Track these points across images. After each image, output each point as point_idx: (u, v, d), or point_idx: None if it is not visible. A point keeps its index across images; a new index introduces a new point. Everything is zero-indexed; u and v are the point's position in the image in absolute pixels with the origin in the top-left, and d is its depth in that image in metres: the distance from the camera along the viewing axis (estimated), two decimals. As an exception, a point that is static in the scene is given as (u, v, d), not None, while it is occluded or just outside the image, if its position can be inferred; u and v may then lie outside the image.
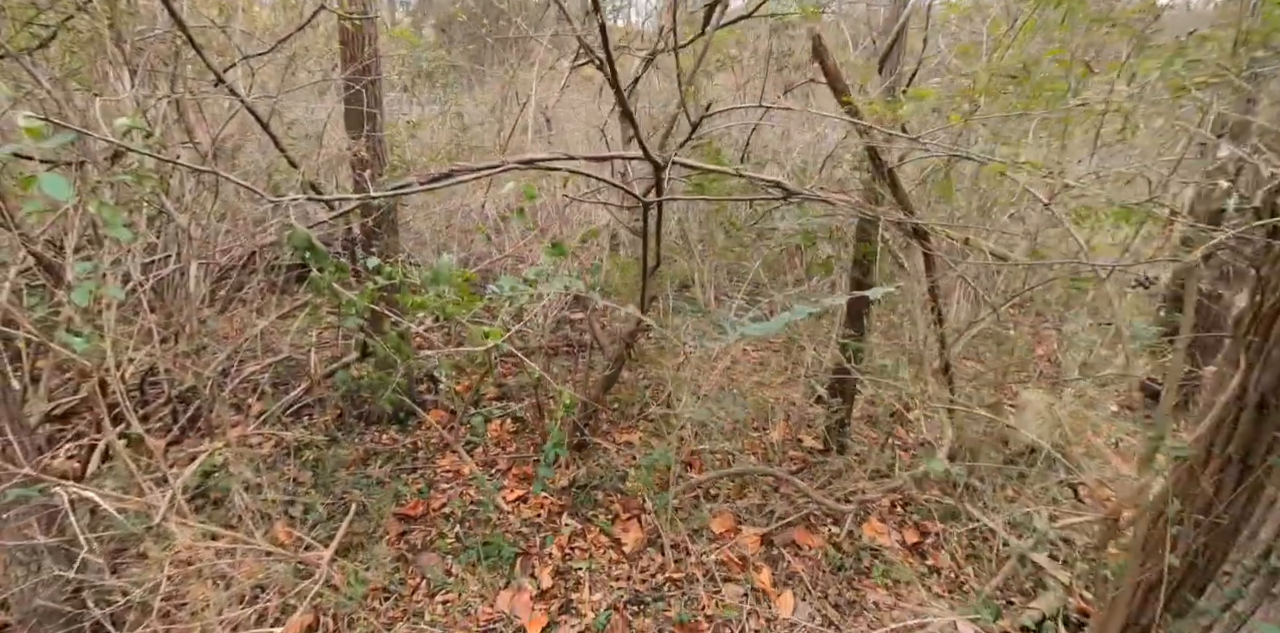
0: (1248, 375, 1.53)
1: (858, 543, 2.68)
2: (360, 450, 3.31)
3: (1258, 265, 1.44)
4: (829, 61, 2.02)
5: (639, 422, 3.63)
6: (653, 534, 2.79)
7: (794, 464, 3.21)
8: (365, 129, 2.79)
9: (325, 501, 2.87)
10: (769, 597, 2.41)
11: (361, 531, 2.78)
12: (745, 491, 3.05)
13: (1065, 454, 3.10)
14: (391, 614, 2.40)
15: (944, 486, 2.94)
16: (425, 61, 3.60)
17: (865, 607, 2.38)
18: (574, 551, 2.75)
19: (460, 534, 2.81)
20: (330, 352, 4.14)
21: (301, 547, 2.59)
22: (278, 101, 2.57)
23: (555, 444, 2.53)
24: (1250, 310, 1.50)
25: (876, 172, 2.33)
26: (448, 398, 3.82)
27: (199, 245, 2.56)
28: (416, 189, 1.96)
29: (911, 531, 2.75)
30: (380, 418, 3.53)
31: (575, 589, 2.53)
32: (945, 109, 2.07)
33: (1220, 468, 1.71)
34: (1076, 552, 2.58)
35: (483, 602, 2.46)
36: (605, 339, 3.24)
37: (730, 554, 2.59)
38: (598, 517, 2.90)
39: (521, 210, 2.58)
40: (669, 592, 2.49)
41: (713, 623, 2.33)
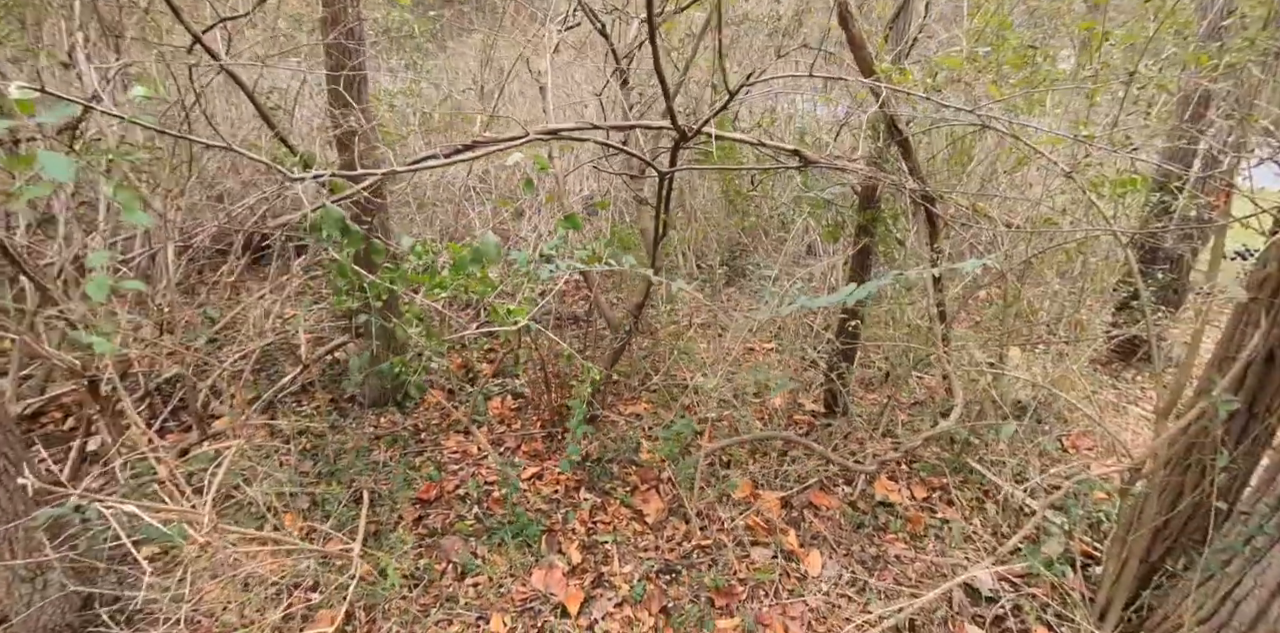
0: (1270, 333, 1.64)
1: (871, 501, 2.79)
2: (361, 435, 3.21)
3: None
4: (854, 30, 1.99)
5: (642, 393, 3.64)
6: (673, 503, 2.84)
7: (800, 428, 3.30)
8: (353, 100, 2.61)
9: (334, 490, 2.79)
10: (798, 557, 2.50)
11: (376, 518, 2.72)
12: (756, 456, 3.12)
13: (1051, 410, 3.30)
14: (423, 601, 2.37)
15: (944, 443, 3.09)
16: (414, 26, 3.36)
17: (889, 561, 2.50)
18: (597, 524, 2.77)
19: (480, 515, 2.79)
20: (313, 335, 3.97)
21: (322, 539, 2.52)
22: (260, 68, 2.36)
23: (579, 421, 2.51)
24: (1275, 273, 1.61)
25: (892, 139, 2.34)
26: (442, 377, 3.74)
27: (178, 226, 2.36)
28: (441, 163, 1.85)
29: (920, 486, 2.89)
30: (378, 401, 3.42)
31: (605, 563, 2.56)
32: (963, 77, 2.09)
33: (1229, 417, 1.85)
34: (1072, 499, 2.77)
35: (515, 581, 2.46)
36: (610, 312, 3.21)
37: (756, 519, 2.66)
38: (616, 489, 2.92)
39: (530, 181, 2.49)
40: (698, 559, 2.55)
41: (746, 586, 2.40)
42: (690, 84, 3.37)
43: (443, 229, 3.77)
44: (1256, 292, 1.69)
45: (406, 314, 2.16)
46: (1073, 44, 3.23)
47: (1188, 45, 2.49)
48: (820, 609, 2.29)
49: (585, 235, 3.12)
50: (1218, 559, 1.70)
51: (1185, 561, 1.99)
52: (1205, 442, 1.86)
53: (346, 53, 2.50)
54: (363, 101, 2.73)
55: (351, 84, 2.69)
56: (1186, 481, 1.94)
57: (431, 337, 2.13)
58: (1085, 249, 2.60)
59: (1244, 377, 1.78)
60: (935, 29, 3.74)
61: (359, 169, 2.58)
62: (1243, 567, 1.64)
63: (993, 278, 2.56)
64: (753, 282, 3.09)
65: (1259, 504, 1.64)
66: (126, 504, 1.43)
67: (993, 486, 2.82)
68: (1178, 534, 2.01)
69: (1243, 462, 1.86)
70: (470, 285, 2.09)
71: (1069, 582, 2.20)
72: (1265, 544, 1.59)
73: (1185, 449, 1.86)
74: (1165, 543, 2.02)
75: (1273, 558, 1.57)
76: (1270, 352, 1.76)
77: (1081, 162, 1.89)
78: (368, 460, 3.04)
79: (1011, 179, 2.83)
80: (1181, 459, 1.90)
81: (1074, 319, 3.44)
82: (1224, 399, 1.59)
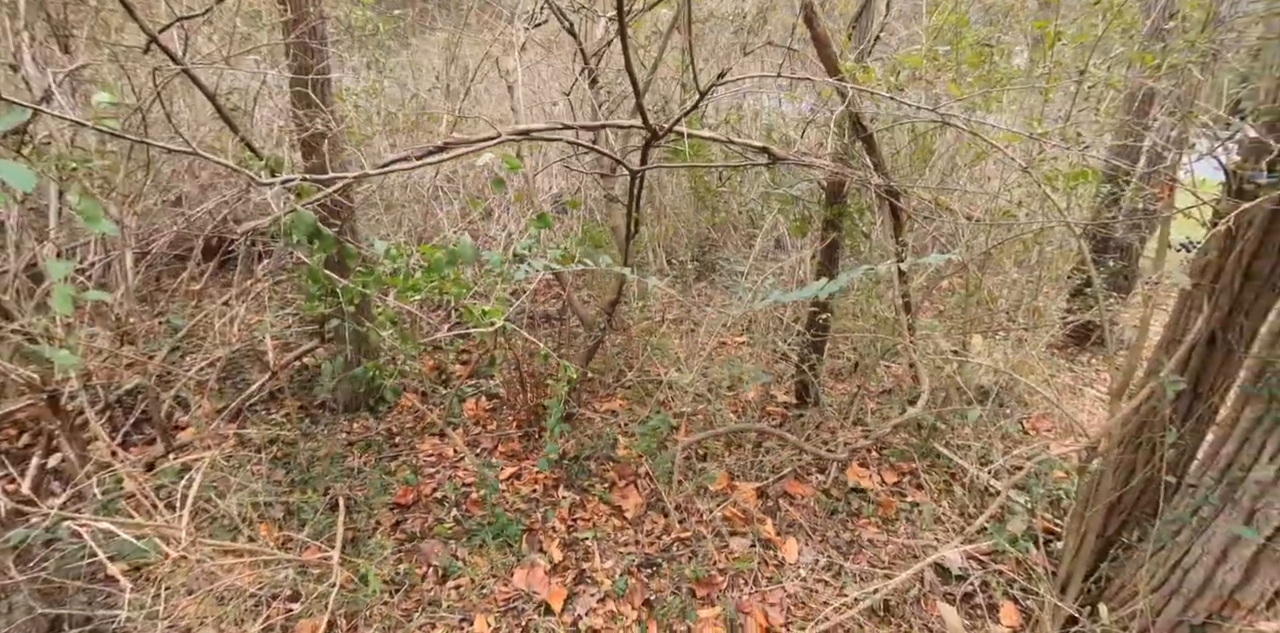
0: (1211, 316, 1.74)
1: (845, 488, 2.87)
2: (334, 442, 3.16)
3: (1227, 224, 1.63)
4: (819, 29, 2.04)
5: (616, 389, 3.67)
6: (651, 498, 2.87)
7: (774, 419, 3.36)
8: (318, 100, 2.56)
9: (309, 498, 2.75)
10: (776, 545, 2.56)
11: (354, 525, 2.70)
12: (731, 448, 3.18)
13: (1012, 394, 3.42)
14: (405, 606, 2.37)
15: (912, 429, 3.18)
16: (378, 24, 3.29)
17: (862, 545, 2.57)
18: (576, 522, 2.79)
19: (459, 517, 2.79)
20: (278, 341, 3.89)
21: (299, 549, 2.49)
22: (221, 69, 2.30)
23: (557, 420, 2.53)
24: (1215, 260, 1.71)
25: (857, 136, 2.40)
26: (415, 379, 3.70)
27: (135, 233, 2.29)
28: (413, 165, 1.84)
29: (890, 472, 2.98)
30: (350, 406, 3.38)
31: (586, 559, 2.58)
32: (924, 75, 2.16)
33: (1176, 397, 1.95)
34: (1033, 479, 2.89)
35: (497, 581, 2.46)
36: (583, 310, 3.22)
37: (733, 510, 2.71)
38: (594, 486, 2.95)
39: (499, 180, 2.49)
40: (678, 551, 2.59)
41: (726, 575, 2.45)
42: (659, 82, 3.39)
43: (411, 230, 3.73)
44: (1199, 278, 1.79)
45: (380, 317, 2.14)
46: (1027, 40, 3.35)
47: (1134, 45, 2.61)
48: (798, 595, 2.35)
49: (556, 234, 3.12)
50: (1168, 530, 1.81)
51: (1139, 533, 2.10)
52: (1155, 420, 1.97)
53: (310, 53, 2.46)
54: (328, 102, 2.68)
55: (315, 85, 2.64)
56: (1139, 457, 2.05)
57: (406, 340, 2.12)
58: (1041, 239, 2.71)
59: (1189, 358, 1.89)
60: (896, 26, 3.83)
61: (329, 172, 2.54)
62: (1190, 537, 1.74)
63: (955, 269, 2.65)
64: (723, 277, 3.13)
65: (1204, 478, 1.75)
66: (101, 521, 1.40)
67: (959, 468, 2.93)
68: (1131, 508, 2.12)
69: (1189, 438, 1.97)
70: (444, 287, 2.08)
71: (1033, 558, 2.30)
72: (1210, 515, 1.70)
73: (1137, 428, 1.96)
74: (1120, 517, 2.13)
75: (1217, 527, 1.68)
76: (1212, 334, 1.87)
77: (1036, 157, 1.98)
78: (342, 467, 3.01)
79: (971, 173, 2.93)
80: (1134, 438, 2.01)
81: (1032, 306, 3.58)
82: (1171, 380, 1.68)
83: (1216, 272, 1.73)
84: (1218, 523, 1.68)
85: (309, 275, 1.77)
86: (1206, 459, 1.77)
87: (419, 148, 1.90)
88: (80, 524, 1.38)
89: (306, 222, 1.54)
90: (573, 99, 2.82)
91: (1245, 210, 1.54)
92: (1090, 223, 1.96)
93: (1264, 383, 1.62)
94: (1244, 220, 1.72)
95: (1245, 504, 1.61)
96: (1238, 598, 1.67)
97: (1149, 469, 1.96)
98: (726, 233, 4.62)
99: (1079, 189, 2.83)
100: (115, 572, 1.38)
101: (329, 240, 1.60)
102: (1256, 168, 1.54)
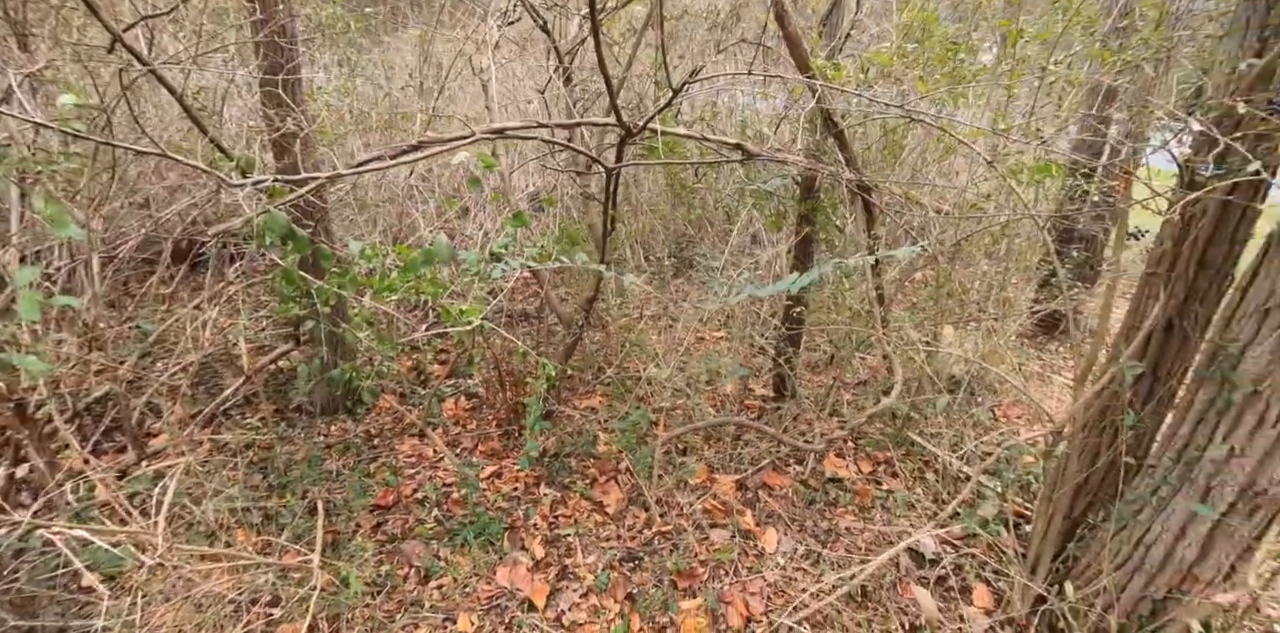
0: (1167, 304, 1.81)
1: (822, 478, 2.92)
2: (312, 445, 3.14)
3: (1183, 214, 1.69)
4: (791, 27, 2.07)
5: (596, 387, 3.68)
6: (632, 493, 2.90)
7: (752, 413, 3.41)
8: (288, 100, 2.54)
9: (288, 502, 2.73)
10: (755, 536, 2.60)
11: (333, 528, 2.68)
12: (710, 441, 3.21)
13: (983, 382, 3.51)
14: (387, 607, 2.36)
15: (886, 419, 3.25)
16: (349, 22, 3.24)
17: (840, 533, 2.63)
18: (558, 519, 2.80)
19: (440, 517, 2.78)
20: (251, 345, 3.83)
21: (279, 553, 2.47)
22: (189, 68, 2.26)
23: (537, 417, 2.54)
24: (1170, 249, 1.77)
25: (829, 132, 2.44)
26: (392, 381, 3.68)
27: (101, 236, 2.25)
28: (388, 164, 1.84)
29: (866, 461, 3.04)
30: (327, 409, 3.35)
31: (569, 555, 2.60)
32: (894, 72, 2.20)
33: (1135, 381, 2.03)
34: (1004, 465, 2.97)
35: (480, 580, 2.47)
36: (561, 308, 3.23)
37: (713, 502, 2.75)
38: (575, 483, 2.96)
39: (475, 179, 2.49)
40: (660, 544, 2.62)
41: (707, 567, 2.49)
42: (633, 79, 3.40)
43: (386, 230, 3.70)
44: (1155, 267, 1.86)
45: (356, 318, 2.13)
46: (994, 38, 3.43)
47: (1094, 42, 2.69)
48: (778, 583, 2.39)
49: (533, 232, 3.12)
50: (1129, 510, 1.88)
51: (1104, 514, 2.18)
52: (1116, 404, 2.04)
53: (279, 51, 2.43)
54: (299, 101, 2.66)
55: (286, 84, 2.61)
56: (1102, 440, 2.12)
57: (383, 340, 2.11)
58: (1009, 232, 2.79)
59: (1147, 344, 1.96)
60: (867, 24, 3.89)
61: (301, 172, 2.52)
62: (1151, 515, 1.81)
63: (926, 261, 2.71)
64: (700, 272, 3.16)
65: (1163, 458, 1.82)
66: (76, 529, 1.38)
67: (932, 456, 3.00)
68: (1096, 490, 2.20)
69: (1149, 421, 2.05)
70: (421, 287, 2.08)
71: (1004, 540, 2.37)
72: (1169, 494, 1.77)
73: (1100, 412, 2.03)
74: (1086, 499, 2.20)
75: (1175, 506, 1.75)
76: (1170, 321, 1.95)
77: (1001, 151, 2.04)
78: (320, 470, 2.98)
79: (940, 168, 2.99)
80: (1097, 421, 2.08)
81: (1001, 297, 3.67)
82: (1129, 365, 1.75)
83: (1172, 261, 1.80)
84: (1176, 501, 1.75)
85: (282, 277, 1.76)
86: (1165, 441, 1.84)
87: (393, 147, 1.90)
88: (54, 532, 1.36)
89: (280, 223, 1.53)
90: (547, 97, 2.82)
91: (1194, 200, 1.60)
92: (1054, 215, 2.02)
93: (1216, 366, 1.69)
94: (1198, 211, 1.79)
95: (1201, 482, 1.68)
96: (1196, 572, 1.74)
97: (1112, 452, 2.03)
98: (703, 229, 4.66)
99: (1046, 183, 2.92)
100: (93, 581, 1.36)
101: (303, 241, 1.59)
102: (1205, 161, 1.61)
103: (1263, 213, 1.79)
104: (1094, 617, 1.91)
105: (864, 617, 2.23)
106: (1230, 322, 1.72)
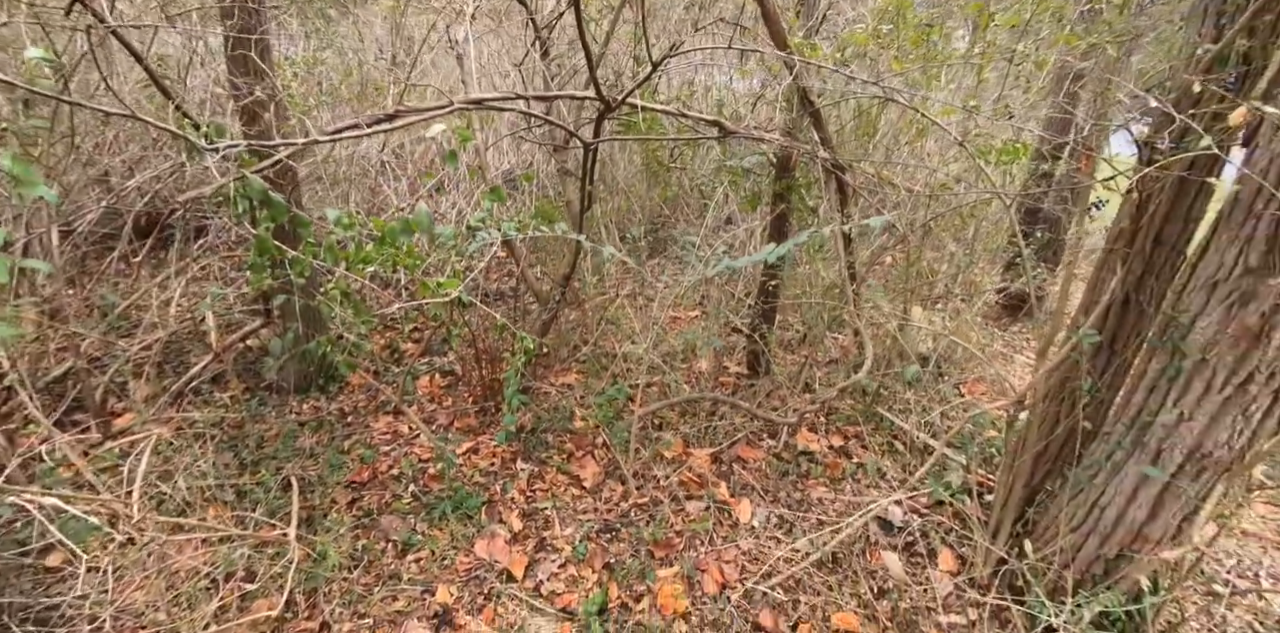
0: (1125, 279, 1.89)
1: (794, 451, 2.99)
2: (284, 423, 3.10)
3: (1140, 191, 1.76)
4: (769, 5, 2.08)
5: (572, 364, 3.70)
6: (609, 467, 2.93)
7: (727, 389, 3.46)
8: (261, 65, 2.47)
9: (262, 478, 2.70)
10: (730, 506, 2.66)
11: (309, 504, 2.66)
12: (686, 416, 3.26)
13: (950, 360, 3.61)
14: (365, 580, 2.37)
15: (856, 395, 3.33)
16: None
17: (811, 503, 2.70)
18: (535, 493, 2.83)
19: (417, 492, 2.79)
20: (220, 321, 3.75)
21: (254, 526, 2.45)
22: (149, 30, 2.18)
23: (514, 391, 2.55)
24: (1128, 227, 1.85)
25: (805, 111, 2.47)
26: (365, 358, 3.64)
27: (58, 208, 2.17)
28: (364, 132, 1.81)
29: (836, 435, 3.12)
30: (300, 386, 3.30)
31: (546, 528, 2.63)
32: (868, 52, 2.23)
33: (1094, 353, 2.12)
34: (966, 439, 3.08)
35: (458, 553, 2.49)
36: (537, 285, 3.23)
37: (689, 475, 2.80)
38: (552, 457, 2.99)
39: (453, 154, 2.46)
40: (637, 516, 2.67)
41: (683, 537, 2.54)
42: (610, 57, 3.38)
43: (360, 205, 3.64)
44: (1113, 244, 1.94)
45: (331, 290, 2.11)
46: (967, 23, 3.49)
47: (1063, 28, 2.76)
48: (752, 551, 2.46)
49: (510, 209, 3.10)
50: (1086, 474, 1.97)
51: (1060, 481, 2.29)
52: (1076, 375, 2.13)
53: (249, 14, 2.36)
54: (269, 68, 2.58)
55: (255, 47, 2.54)
56: (1060, 410, 2.21)
57: (360, 312, 2.10)
58: (978, 213, 2.86)
59: (1105, 317, 2.05)
60: (844, 6, 3.92)
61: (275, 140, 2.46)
62: (1105, 479, 1.91)
63: (897, 240, 2.78)
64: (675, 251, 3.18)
65: (1118, 425, 1.91)
66: (49, 495, 1.36)
67: (900, 431, 3.09)
68: (1055, 458, 2.30)
69: (1106, 392, 2.14)
70: (398, 259, 2.06)
71: (968, 508, 2.47)
72: (1122, 458, 1.86)
73: (1060, 383, 2.12)
74: (1045, 466, 2.30)
75: (1129, 469, 1.84)
76: (1127, 296, 2.03)
77: (972, 132, 2.09)
78: (293, 447, 2.95)
79: (913, 149, 3.05)
80: (1056, 392, 2.17)
81: (968, 279, 3.78)
82: (1087, 333, 1.83)
83: (1130, 237, 1.88)
84: (1129, 465, 1.85)
85: (256, 246, 1.73)
86: (1119, 409, 1.93)
87: (369, 115, 1.87)
88: (26, 499, 1.33)
89: (257, 188, 1.51)
90: (524, 71, 2.79)
91: (1153, 179, 1.67)
92: (1020, 194, 2.09)
93: (1168, 336, 1.77)
94: (1155, 189, 1.87)
95: (1153, 446, 1.78)
96: (1146, 532, 1.84)
97: (1071, 420, 2.12)
98: (678, 210, 4.68)
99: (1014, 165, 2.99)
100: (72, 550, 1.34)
101: (280, 207, 1.57)
102: (1162, 137, 1.68)
103: (1214, 193, 1.88)
104: (1051, 575, 2.01)
105: (835, 580, 2.31)
106: (1182, 294, 1.81)
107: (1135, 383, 1.88)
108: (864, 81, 1.89)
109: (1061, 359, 1.91)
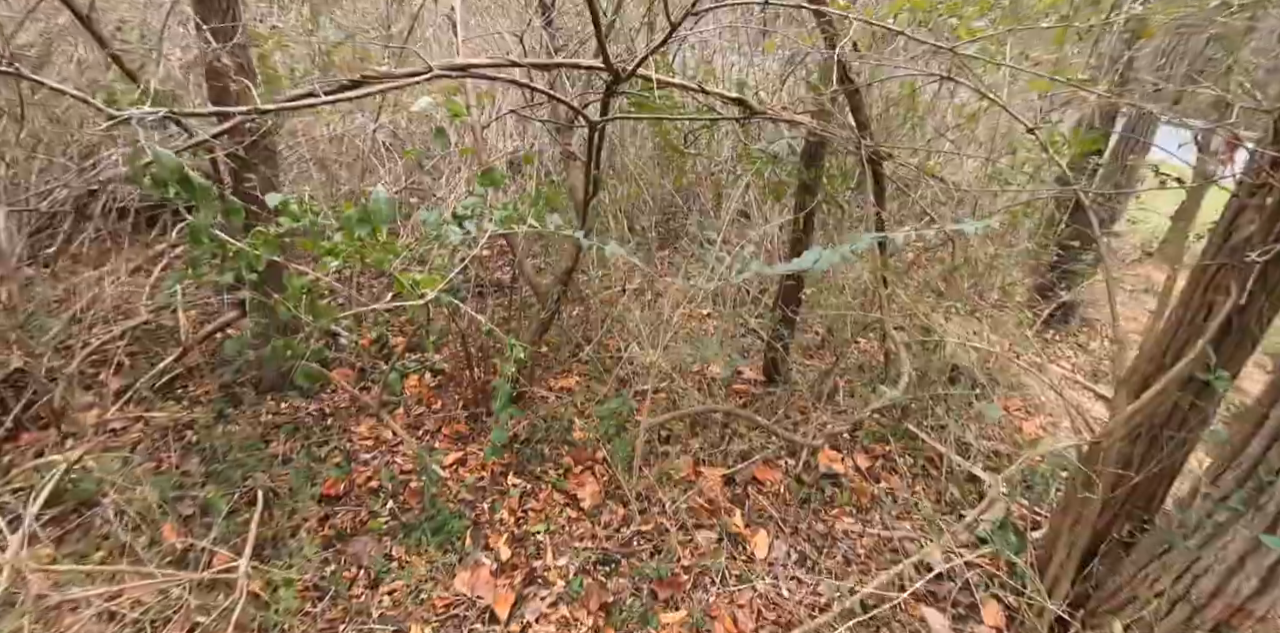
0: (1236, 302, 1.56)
1: (816, 473, 2.69)
2: (257, 425, 2.83)
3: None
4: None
5: (572, 365, 3.40)
6: (609, 486, 2.64)
7: (742, 398, 3.15)
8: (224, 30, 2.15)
9: (225, 492, 2.43)
10: (744, 539, 2.37)
11: (273, 522, 2.38)
12: (697, 430, 2.96)
13: (986, 373, 3.28)
14: (330, 616, 2.09)
15: (884, 409, 3.01)
16: None
17: (836, 537, 2.40)
18: (527, 513, 2.55)
19: (395, 510, 2.51)
20: (199, 311, 3.48)
21: (204, 556, 2.16)
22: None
23: (504, 404, 2.25)
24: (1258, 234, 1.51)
25: (842, 89, 2.12)
26: (352, 354, 3.36)
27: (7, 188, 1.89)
28: (321, 101, 1.50)
29: (862, 455, 2.81)
30: (277, 384, 3.03)
31: (537, 556, 2.35)
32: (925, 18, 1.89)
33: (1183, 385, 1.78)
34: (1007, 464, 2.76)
35: (436, 585, 2.21)
36: (536, 279, 2.92)
37: (699, 499, 2.50)
38: (547, 473, 2.70)
39: (441, 130, 2.14)
40: (639, 546, 2.38)
41: (691, 573, 2.25)
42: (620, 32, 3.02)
43: (351, 191, 3.33)
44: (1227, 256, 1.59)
45: (291, 286, 1.81)
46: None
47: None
48: (769, 595, 2.17)
49: (509, 194, 2.78)
50: (1177, 533, 1.65)
51: (1128, 527, 1.97)
52: (1159, 410, 1.81)
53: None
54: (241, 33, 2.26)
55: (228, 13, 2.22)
56: (1135, 450, 1.89)
57: (320, 313, 1.80)
58: (1031, 212, 2.51)
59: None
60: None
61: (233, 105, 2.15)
62: (1203, 541, 1.59)
63: (940, 242, 2.44)
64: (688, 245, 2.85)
65: (1222, 478, 1.59)
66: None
67: (934, 451, 2.78)
68: (1123, 503, 1.98)
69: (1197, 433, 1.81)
70: (366, 252, 1.76)
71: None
72: (1229, 520, 1.54)
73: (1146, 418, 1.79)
74: (1112, 511, 1.98)
75: (1236, 533, 1.52)
76: (1228, 319, 1.69)
77: (1042, 118, 1.74)
78: (264, 454, 2.68)
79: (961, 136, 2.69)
80: (1133, 429, 1.85)
81: (1006, 284, 3.42)
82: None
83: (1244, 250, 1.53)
84: (1237, 528, 1.52)
85: (189, 236, 1.43)
86: (1225, 458, 1.61)
87: (329, 80, 1.56)
88: None
89: (170, 166, 1.20)
90: (526, 43, 2.45)
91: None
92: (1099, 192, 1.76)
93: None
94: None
95: (1271, 510, 1.45)
96: (1250, 607, 1.53)
97: (1156, 463, 1.80)
98: (692, 199, 4.33)
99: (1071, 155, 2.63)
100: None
101: (202, 192, 1.26)
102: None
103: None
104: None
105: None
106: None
107: (1250, 430, 1.54)
108: (935, 45, 1.54)
109: (1156, 394, 1.58)
